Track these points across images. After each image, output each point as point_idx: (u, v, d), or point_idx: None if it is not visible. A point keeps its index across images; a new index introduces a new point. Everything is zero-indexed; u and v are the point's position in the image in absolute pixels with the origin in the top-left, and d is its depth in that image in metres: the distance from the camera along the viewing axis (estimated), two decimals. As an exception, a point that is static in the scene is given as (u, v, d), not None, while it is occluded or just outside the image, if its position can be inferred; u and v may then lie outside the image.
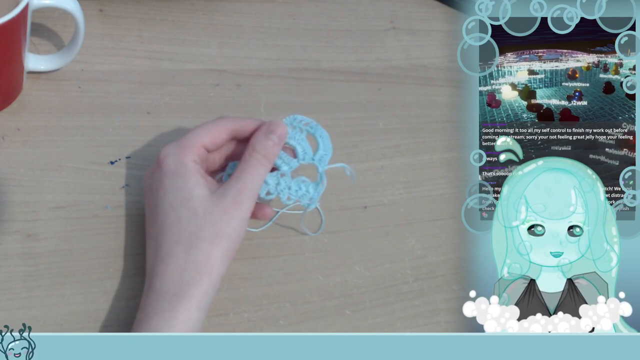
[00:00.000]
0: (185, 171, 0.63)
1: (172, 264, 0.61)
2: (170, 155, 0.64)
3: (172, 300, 0.60)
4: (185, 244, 0.61)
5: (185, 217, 0.62)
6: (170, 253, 0.61)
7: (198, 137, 0.65)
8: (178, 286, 0.60)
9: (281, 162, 0.67)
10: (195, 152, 0.65)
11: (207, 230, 0.61)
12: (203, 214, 0.62)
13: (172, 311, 0.59)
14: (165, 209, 0.62)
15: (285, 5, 0.86)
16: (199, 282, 0.60)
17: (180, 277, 0.60)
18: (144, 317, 0.60)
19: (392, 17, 0.88)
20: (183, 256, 0.61)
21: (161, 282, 0.60)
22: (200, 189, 0.63)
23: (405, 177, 0.77)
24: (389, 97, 0.82)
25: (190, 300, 0.60)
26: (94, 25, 0.80)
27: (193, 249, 0.61)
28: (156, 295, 0.60)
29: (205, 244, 0.61)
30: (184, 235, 0.61)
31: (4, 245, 0.66)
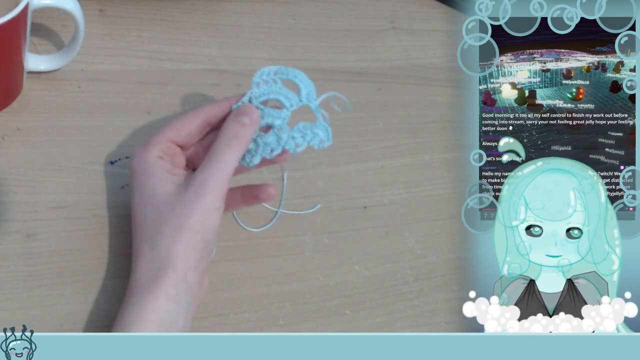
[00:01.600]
0: (147, 169, 0.65)
1: (140, 260, 0.62)
2: (135, 156, 0.66)
3: (141, 293, 0.61)
4: (150, 240, 0.62)
5: (149, 214, 0.63)
6: (139, 249, 0.63)
7: (162, 133, 0.66)
8: (146, 280, 0.61)
9: (272, 119, 0.66)
10: (159, 148, 0.65)
11: (168, 225, 0.62)
12: (165, 209, 0.63)
13: (140, 303, 0.60)
14: (134, 208, 0.64)
15: (285, 5, 0.86)
16: (164, 275, 0.61)
17: (148, 272, 0.62)
18: (120, 312, 0.61)
19: (392, 17, 0.88)
20: (149, 252, 0.62)
21: (134, 278, 0.62)
22: (163, 185, 0.64)
23: (405, 177, 0.77)
24: (389, 97, 0.82)
25: (156, 291, 0.61)
26: (94, 25, 0.80)
27: (157, 244, 0.62)
28: (129, 291, 0.62)
29: (166, 238, 0.62)
30: (149, 232, 0.63)
31: (4, 245, 0.66)
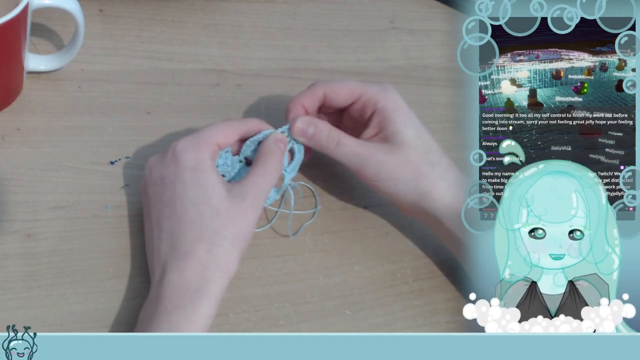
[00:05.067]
0: (206, 168, 0.64)
1: (193, 261, 0.61)
2: (188, 150, 0.65)
3: (194, 296, 0.60)
4: (207, 242, 0.62)
5: (207, 215, 0.62)
6: (191, 250, 0.61)
7: (213, 135, 0.66)
8: (199, 283, 0.61)
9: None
10: (211, 150, 0.66)
11: (230, 230, 0.62)
12: (225, 213, 0.63)
13: (194, 307, 0.60)
14: (184, 204, 0.63)
15: (285, 5, 0.87)
16: (219, 280, 0.61)
17: (201, 274, 0.61)
18: (163, 312, 0.60)
19: (392, 17, 0.88)
20: (205, 254, 0.61)
21: (181, 278, 0.61)
22: (220, 188, 0.64)
23: (405, 177, 0.77)
24: (389, 97, 0.82)
25: (210, 296, 0.61)
26: (94, 25, 0.80)
27: (215, 248, 0.62)
28: (175, 291, 0.60)
29: (227, 243, 0.62)
30: (206, 233, 0.62)
31: (4, 245, 0.66)
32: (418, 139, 0.68)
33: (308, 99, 0.70)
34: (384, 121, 0.68)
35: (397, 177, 0.68)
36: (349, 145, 0.68)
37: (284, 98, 0.80)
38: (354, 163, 0.68)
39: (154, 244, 0.63)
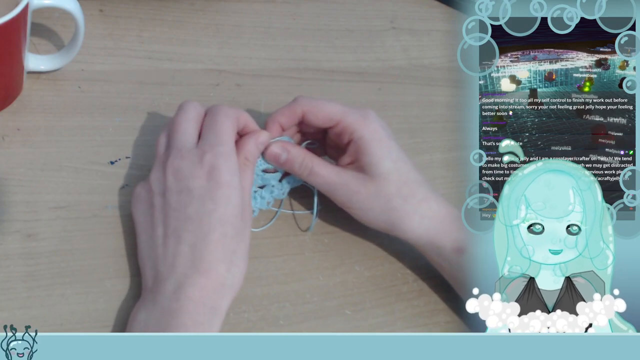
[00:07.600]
0: (239, 185, 0.64)
1: (213, 278, 0.62)
2: (224, 163, 0.64)
3: (211, 313, 0.61)
4: (227, 261, 0.63)
5: (230, 234, 0.63)
6: (213, 268, 0.62)
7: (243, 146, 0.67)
8: (215, 300, 0.62)
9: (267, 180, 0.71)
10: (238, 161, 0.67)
11: (242, 249, 0.64)
12: (241, 232, 0.64)
13: (210, 325, 0.61)
14: (212, 222, 0.63)
15: (285, 5, 0.87)
16: (229, 297, 0.63)
17: (218, 292, 0.62)
18: (180, 325, 0.60)
19: (392, 17, 0.88)
20: (224, 273, 0.62)
21: (201, 294, 0.61)
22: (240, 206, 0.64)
23: (405, 177, 0.77)
24: (389, 97, 0.82)
25: (222, 314, 0.62)
26: (94, 25, 0.80)
27: (233, 267, 0.63)
28: (195, 307, 0.61)
29: (241, 262, 0.64)
30: (227, 253, 0.63)
31: (4, 245, 0.66)
32: (394, 171, 0.67)
33: (286, 117, 0.70)
34: (360, 152, 0.68)
35: (368, 207, 0.68)
36: (321, 175, 0.68)
37: (284, 98, 0.80)
38: (326, 190, 0.69)
39: (160, 252, 0.63)
